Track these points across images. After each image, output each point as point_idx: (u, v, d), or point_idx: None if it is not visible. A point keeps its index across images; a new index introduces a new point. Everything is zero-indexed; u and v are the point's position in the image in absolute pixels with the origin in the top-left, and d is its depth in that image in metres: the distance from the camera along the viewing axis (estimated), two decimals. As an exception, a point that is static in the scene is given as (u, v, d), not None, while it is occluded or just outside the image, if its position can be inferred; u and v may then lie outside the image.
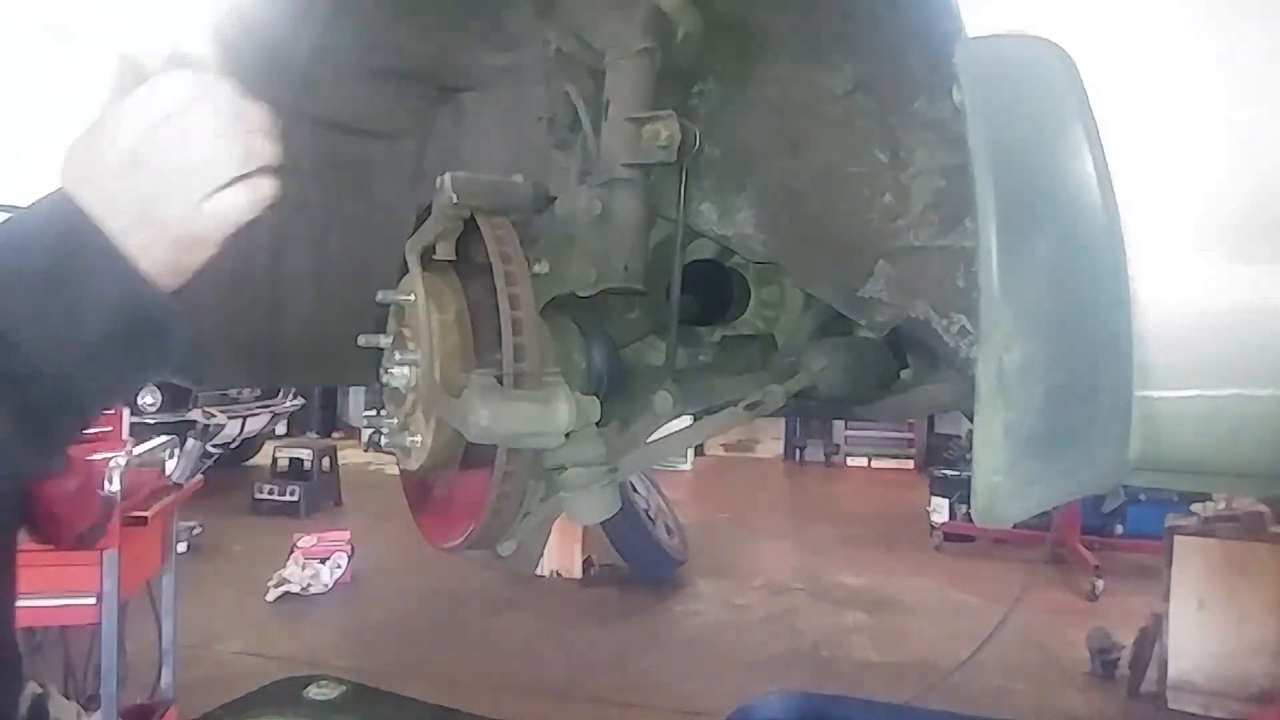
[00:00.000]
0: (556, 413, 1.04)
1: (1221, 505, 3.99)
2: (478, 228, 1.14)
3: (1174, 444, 0.77)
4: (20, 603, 0.78)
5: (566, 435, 1.08)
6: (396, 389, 1.21)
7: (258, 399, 7.72)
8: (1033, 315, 0.69)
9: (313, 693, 2.95)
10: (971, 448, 0.70)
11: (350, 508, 7.30)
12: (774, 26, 1.36)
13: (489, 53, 1.74)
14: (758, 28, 1.38)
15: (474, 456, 1.21)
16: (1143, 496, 5.66)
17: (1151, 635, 3.90)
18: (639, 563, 5.37)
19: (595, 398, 1.13)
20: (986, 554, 6.18)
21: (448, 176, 1.13)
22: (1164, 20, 0.74)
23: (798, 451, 10.95)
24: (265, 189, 0.67)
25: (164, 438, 3.06)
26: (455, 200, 1.12)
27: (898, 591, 5.40)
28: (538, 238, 1.26)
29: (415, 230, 1.24)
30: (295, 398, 8.32)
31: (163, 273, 0.65)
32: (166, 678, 2.95)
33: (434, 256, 1.19)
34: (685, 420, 1.50)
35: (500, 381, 1.06)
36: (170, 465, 2.97)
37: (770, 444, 10.92)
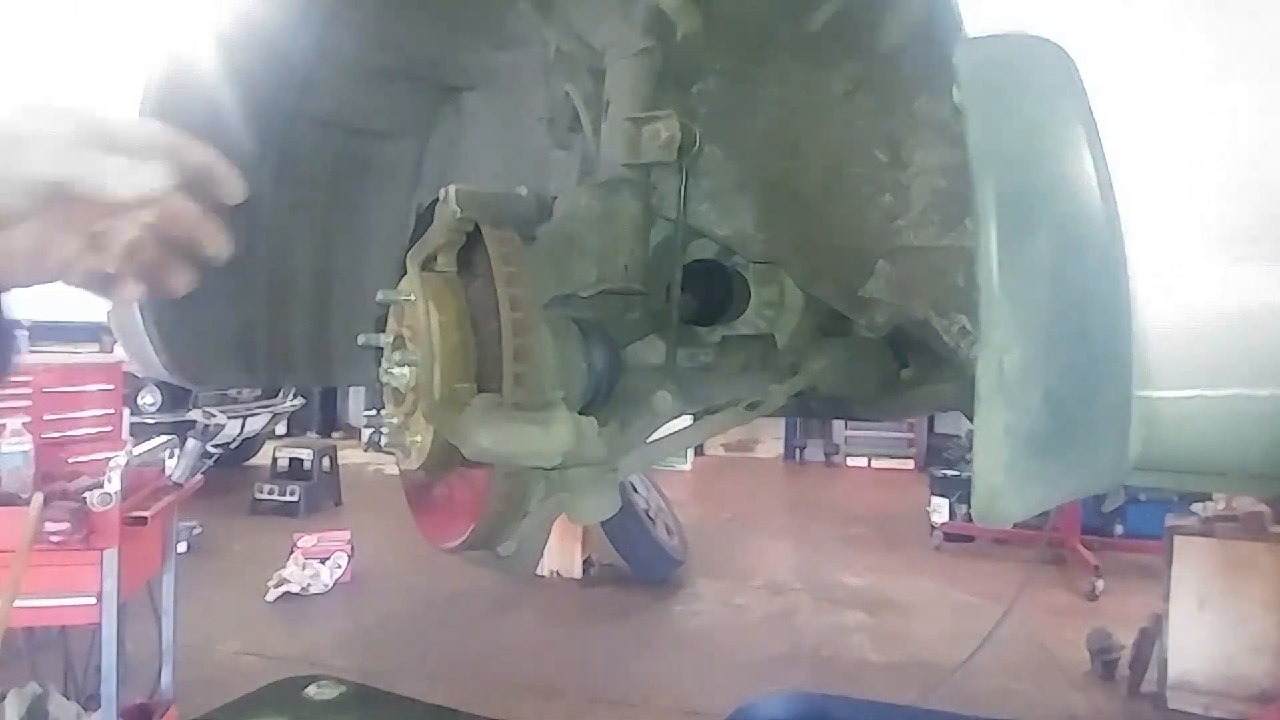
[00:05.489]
0: (555, 436, 1.06)
1: (1221, 505, 3.98)
2: (479, 237, 1.14)
3: (1174, 444, 0.77)
4: (20, 603, 0.78)
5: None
6: (396, 389, 1.21)
7: (258, 399, 7.72)
8: (1033, 315, 0.69)
9: (313, 693, 2.95)
10: (971, 448, 0.70)
11: (350, 508, 7.28)
12: (774, 26, 1.36)
13: (489, 53, 1.74)
14: (758, 27, 1.38)
15: (474, 457, 1.21)
16: (1143, 496, 5.64)
17: (1151, 635, 3.90)
18: (639, 563, 5.37)
19: (592, 417, 1.14)
20: (986, 554, 6.18)
21: (452, 189, 1.12)
22: (1164, 19, 0.74)
23: (798, 451, 10.95)
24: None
25: (164, 437, 3.05)
26: (459, 214, 1.12)
27: (898, 591, 5.39)
28: (535, 239, 1.27)
29: (414, 233, 1.24)
30: (295, 398, 8.32)
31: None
32: (166, 678, 2.95)
33: (435, 268, 1.19)
34: (685, 420, 1.50)
35: (500, 388, 1.06)
36: (170, 465, 2.96)
37: (770, 444, 10.91)
